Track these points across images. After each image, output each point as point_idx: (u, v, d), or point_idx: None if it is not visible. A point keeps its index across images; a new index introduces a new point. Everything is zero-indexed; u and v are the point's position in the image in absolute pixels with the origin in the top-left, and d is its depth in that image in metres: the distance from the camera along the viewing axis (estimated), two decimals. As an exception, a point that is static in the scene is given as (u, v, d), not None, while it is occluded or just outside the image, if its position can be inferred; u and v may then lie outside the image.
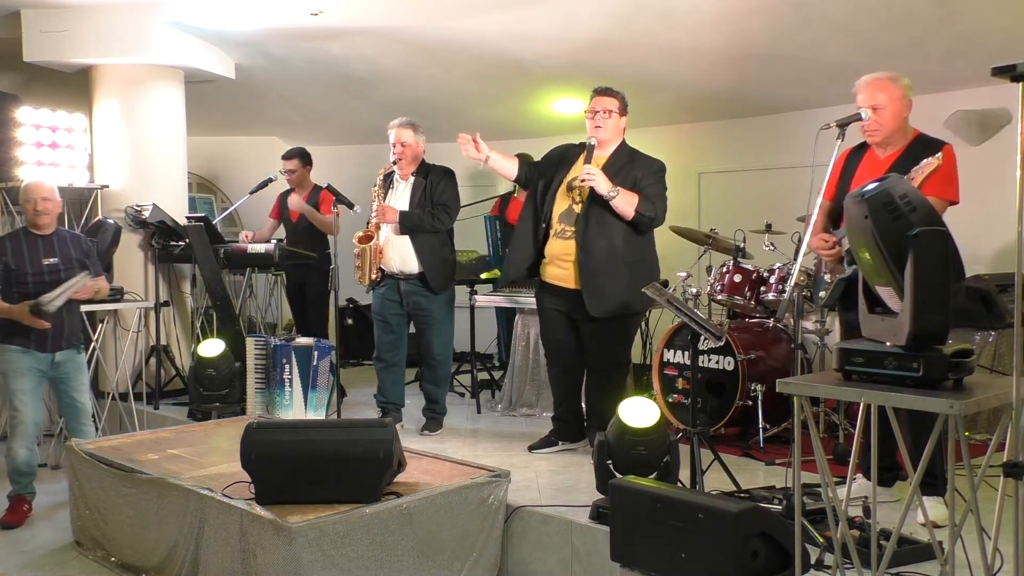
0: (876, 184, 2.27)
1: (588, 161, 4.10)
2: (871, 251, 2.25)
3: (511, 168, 4.43)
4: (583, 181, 4.04)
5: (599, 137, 4.19)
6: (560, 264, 4.23)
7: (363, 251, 4.76)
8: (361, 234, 4.77)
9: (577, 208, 4.19)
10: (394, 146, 4.80)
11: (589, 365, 4.35)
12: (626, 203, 4.04)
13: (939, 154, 3.02)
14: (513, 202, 6.92)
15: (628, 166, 4.18)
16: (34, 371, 4.30)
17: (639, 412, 3.26)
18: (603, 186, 4.01)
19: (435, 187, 4.75)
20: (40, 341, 4.27)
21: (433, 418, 4.89)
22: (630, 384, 5.20)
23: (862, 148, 3.50)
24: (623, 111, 4.24)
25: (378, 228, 4.77)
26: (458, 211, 4.86)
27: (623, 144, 4.27)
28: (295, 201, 5.95)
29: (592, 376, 4.36)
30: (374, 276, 4.79)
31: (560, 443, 4.49)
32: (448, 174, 4.85)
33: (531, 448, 4.49)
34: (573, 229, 4.16)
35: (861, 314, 2.44)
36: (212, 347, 5.29)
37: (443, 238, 4.81)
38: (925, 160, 3.02)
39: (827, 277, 3.56)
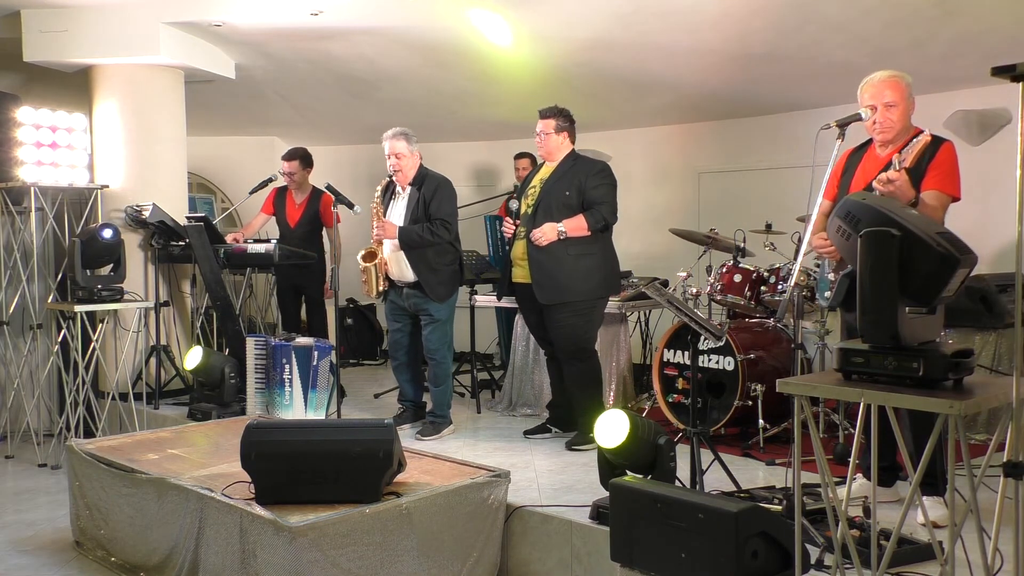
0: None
1: (517, 210, 4.51)
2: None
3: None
4: (536, 240, 4.37)
5: (541, 154, 4.60)
6: (519, 263, 4.56)
7: (367, 269, 4.77)
8: (364, 252, 4.79)
9: (529, 211, 4.53)
10: (389, 158, 4.80)
11: (559, 356, 4.58)
12: (578, 230, 4.37)
13: (926, 130, 3.08)
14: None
15: (571, 172, 4.48)
16: None
17: (609, 429, 3.24)
18: (552, 236, 4.34)
19: (430, 201, 4.73)
20: None
21: (431, 423, 4.89)
22: (616, 375, 5.25)
23: (863, 147, 3.51)
24: (559, 129, 4.51)
25: (380, 243, 4.79)
26: (456, 221, 4.84)
27: (568, 154, 4.55)
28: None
29: (563, 366, 4.58)
30: (381, 288, 4.83)
31: (553, 430, 4.76)
32: (443, 184, 4.79)
33: (526, 433, 4.79)
34: (524, 229, 4.49)
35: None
36: (192, 358, 5.33)
37: (439, 249, 4.75)
38: (914, 139, 3.07)
39: (830, 276, 3.55)
